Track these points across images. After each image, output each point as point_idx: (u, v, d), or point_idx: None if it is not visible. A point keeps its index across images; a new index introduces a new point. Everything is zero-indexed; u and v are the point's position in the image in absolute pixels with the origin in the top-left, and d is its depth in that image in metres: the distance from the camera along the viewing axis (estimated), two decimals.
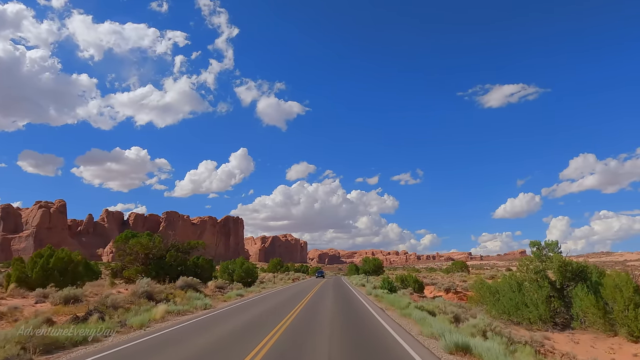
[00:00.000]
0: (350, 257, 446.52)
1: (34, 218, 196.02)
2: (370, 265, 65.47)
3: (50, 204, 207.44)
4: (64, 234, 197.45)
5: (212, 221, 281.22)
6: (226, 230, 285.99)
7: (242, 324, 13.97)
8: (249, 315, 16.40)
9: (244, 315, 16.46)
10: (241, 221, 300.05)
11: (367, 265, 65.85)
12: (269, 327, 12.82)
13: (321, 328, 12.97)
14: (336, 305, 20.91)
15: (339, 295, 28.79)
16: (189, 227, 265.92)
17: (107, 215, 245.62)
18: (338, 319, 15.47)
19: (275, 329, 12.44)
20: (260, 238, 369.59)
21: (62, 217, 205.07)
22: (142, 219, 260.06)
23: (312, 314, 16.77)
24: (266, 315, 16.46)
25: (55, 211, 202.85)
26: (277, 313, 16.96)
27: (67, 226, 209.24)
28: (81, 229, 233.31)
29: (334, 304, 21.58)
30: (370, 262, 66.81)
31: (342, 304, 21.99)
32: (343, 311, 18.39)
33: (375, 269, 64.91)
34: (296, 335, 11.74)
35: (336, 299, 25.07)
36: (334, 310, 18.34)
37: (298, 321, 14.47)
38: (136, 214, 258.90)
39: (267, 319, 14.90)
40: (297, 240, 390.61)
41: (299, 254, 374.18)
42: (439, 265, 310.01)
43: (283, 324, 13.52)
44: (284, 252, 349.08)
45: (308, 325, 13.59)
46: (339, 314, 16.97)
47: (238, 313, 17.55)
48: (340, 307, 20.10)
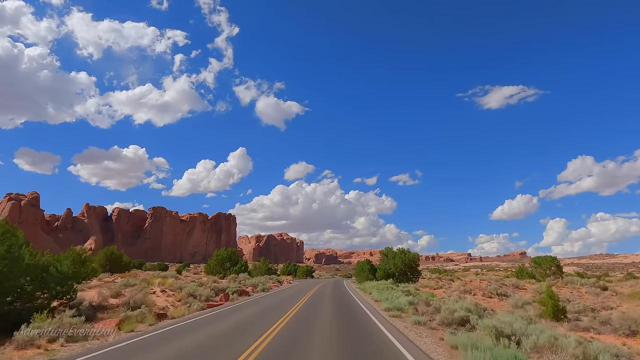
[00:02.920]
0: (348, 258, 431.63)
1: (2, 211, 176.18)
2: (399, 263, 39.53)
3: (22, 197, 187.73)
4: (36, 229, 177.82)
5: (203, 218, 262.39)
6: (217, 227, 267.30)
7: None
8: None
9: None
10: (233, 218, 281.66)
11: (392, 263, 40.42)
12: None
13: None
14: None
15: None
16: (177, 224, 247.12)
17: (88, 210, 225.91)
18: None
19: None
20: (255, 237, 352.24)
21: (34, 211, 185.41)
22: (127, 214, 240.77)
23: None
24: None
25: (26, 204, 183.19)
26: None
27: (39, 221, 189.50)
28: (58, 224, 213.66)
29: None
30: (398, 259, 39.87)
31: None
32: None
33: (408, 269, 39.77)
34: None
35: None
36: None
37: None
38: (120, 209, 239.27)
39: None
40: (293, 240, 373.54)
41: (294, 253, 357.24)
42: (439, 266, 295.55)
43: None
44: (279, 251, 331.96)
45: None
46: None
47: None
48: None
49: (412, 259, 40.58)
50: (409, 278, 39.41)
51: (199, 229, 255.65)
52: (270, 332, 12.54)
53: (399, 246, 43.34)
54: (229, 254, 47.83)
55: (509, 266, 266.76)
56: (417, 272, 41.00)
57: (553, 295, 17.52)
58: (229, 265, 46.21)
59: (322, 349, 10.04)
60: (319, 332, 12.80)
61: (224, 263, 46.43)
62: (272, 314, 17.43)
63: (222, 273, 44.73)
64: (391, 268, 40.82)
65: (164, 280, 24.87)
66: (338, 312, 18.56)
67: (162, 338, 11.86)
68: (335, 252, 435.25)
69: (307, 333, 12.49)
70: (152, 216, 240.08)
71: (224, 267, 45.92)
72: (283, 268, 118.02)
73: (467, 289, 28.27)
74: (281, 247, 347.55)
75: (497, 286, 29.87)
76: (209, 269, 46.41)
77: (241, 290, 27.97)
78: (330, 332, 12.75)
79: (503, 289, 29.67)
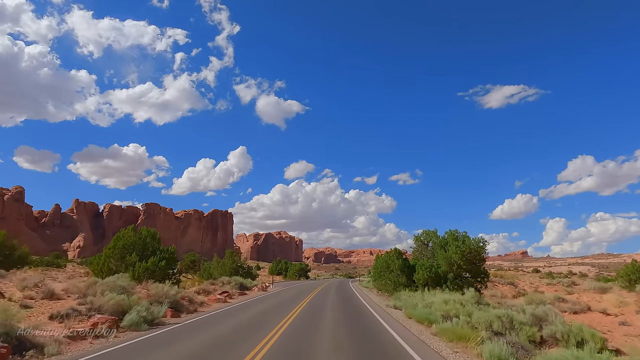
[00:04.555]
0: (348, 257, 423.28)
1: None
2: (456, 257, 25.56)
3: (6, 191, 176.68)
4: (20, 224, 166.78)
5: (198, 215, 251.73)
6: (213, 225, 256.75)
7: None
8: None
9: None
10: (230, 215, 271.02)
11: (443, 257, 26.47)
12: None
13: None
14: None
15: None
16: (171, 221, 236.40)
17: (77, 206, 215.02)
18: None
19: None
20: (253, 235, 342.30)
21: (17, 206, 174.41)
22: (119, 211, 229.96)
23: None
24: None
25: (9, 199, 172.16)
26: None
27: (24, 216, 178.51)
28: (45, 220, 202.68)
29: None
30: (455, 250, 25.82)
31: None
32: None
33: (471, 267, 26.15)
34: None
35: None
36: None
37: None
38: (111, 205, 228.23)
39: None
40: (291, 238, 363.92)
41: (293, 252, 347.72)
42: None
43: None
44: (278, 250, 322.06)
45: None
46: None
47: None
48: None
49: (477, 250, 25.70)
50: (469, 282, 25.97)
51: (194, 227, 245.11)
52: None
53: (449, 231, 28.33)
54: (141, 237, 28.36)
55: (511, 265, 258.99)
56: (484, 274, 26.86)
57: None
58: (135, 258, 26.55)
59: None
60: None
61: (127, 253, 26.97)
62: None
63: (124, 270, 25.73)
64: (441, 266, 26.22)
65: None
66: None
67: None
68: (334, 251, 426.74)
69: None
70: (145, 212, 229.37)
71: (124, 260, 26.69)
72: (272, 266, 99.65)
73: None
74: (280, 245, 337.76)
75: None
76: (99, 265, 27.09)
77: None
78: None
79: None
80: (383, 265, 32.80)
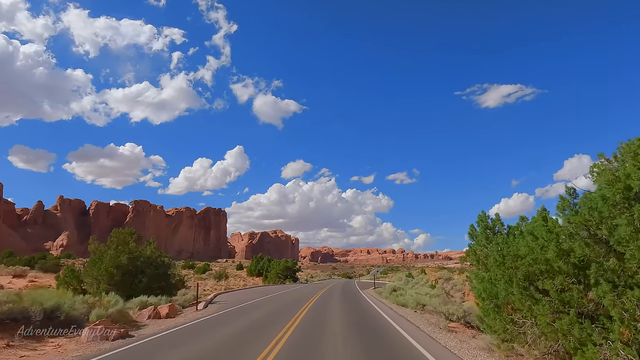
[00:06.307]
0: (345, 256, 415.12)
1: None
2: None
3: None
4: None
5: (190, 213, 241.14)
6: (206, 223, 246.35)
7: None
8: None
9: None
10: (224, 213, 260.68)
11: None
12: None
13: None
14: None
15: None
16: (161, 219, 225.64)
17: (62, 203, 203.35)
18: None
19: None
20: (248, 234, 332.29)
21: None
22: (106, 208, 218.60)
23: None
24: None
25: None
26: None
27: (2, 213, 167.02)
28: (27, 218, 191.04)
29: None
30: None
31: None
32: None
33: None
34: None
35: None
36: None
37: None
38: (98, 203, 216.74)
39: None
40: (287, 237, 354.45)
41: (289, 251, 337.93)
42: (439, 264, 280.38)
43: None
44: (273, 249, 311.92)
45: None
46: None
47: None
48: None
49: None
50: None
51: (185, 225, 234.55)
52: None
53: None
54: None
55: None
56: None
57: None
58: None
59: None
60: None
61: None
62: None
63: None
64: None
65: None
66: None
67: None
68: (331, 250, 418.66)
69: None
70: (134, 210, 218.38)
71: None
72: (251, 265, 77.25)
73: None
74: (275, 244, 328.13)
75: None
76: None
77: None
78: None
79: None
80: (487, 287, 9.52)
